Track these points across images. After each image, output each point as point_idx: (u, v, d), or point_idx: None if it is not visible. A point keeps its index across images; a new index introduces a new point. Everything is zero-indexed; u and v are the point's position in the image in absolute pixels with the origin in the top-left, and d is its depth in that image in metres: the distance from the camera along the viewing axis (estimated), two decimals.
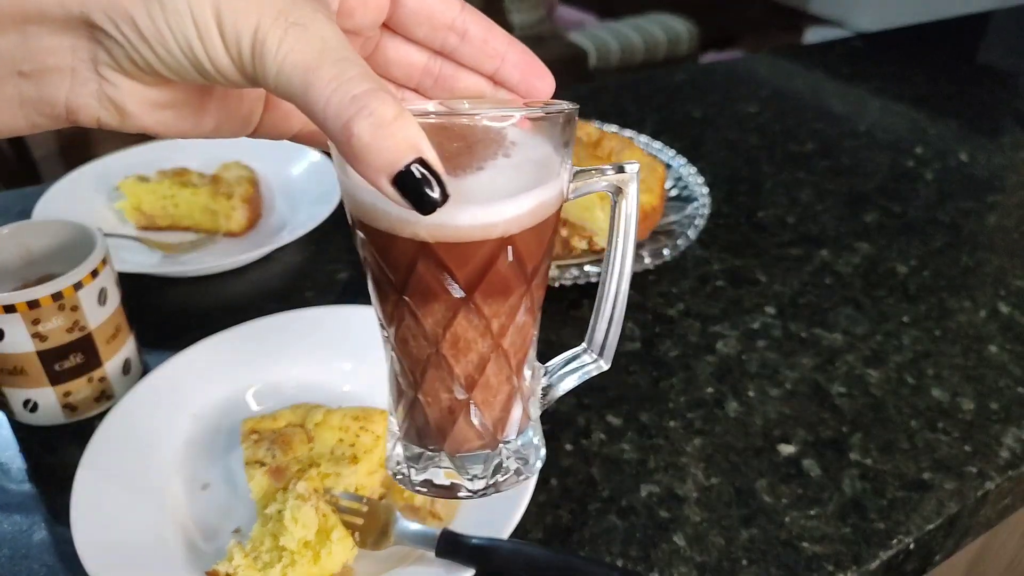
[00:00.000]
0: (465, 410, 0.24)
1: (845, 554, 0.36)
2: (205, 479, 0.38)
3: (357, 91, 0.17)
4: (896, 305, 0.53)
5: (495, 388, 0.24)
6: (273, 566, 0.32)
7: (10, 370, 0.39)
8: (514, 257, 0.22)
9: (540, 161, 0.22)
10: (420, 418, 0.25)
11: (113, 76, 0.19)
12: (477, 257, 0.21)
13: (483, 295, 0.22)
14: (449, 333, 0.23)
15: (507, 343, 0.24)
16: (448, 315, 0.22)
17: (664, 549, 0.36)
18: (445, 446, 0.25)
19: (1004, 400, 0.45)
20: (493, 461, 0.25)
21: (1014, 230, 0.63)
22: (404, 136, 0.17)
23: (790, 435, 0.42)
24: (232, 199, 0.57)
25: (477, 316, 0.23)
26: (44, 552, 0.35)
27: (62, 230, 0.43)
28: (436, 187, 0.18)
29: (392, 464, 0.26)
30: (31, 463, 0.40)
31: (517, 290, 0.23)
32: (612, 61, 2.02)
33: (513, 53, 0.23)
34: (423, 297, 0.22)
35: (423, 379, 0.24)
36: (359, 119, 0.17)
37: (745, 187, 0.69)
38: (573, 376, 0.27)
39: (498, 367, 0.24)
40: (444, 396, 0.24)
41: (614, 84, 0.91)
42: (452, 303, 0.22)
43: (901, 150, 0.76)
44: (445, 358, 0.23)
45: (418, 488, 0.25)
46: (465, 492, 0.25)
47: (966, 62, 1.01)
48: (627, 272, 0.25)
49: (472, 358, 0.23)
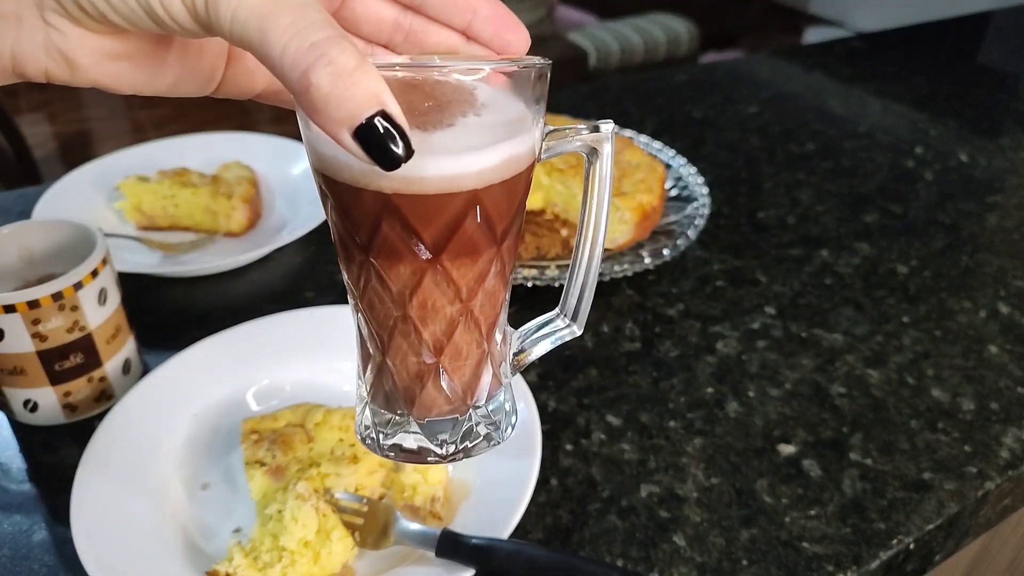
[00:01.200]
0: (434, 374, 0.23)
1: (845, 554, 0.36)
2: (205, 479, 0.38)
3: (316, 38, 0.16)
4: (896, 306, 0.53)
5: (464, 352, 0.24)
6: (273, 566, 0.32)
7: (10, 370, 0.39)
8: (483, 216, 0.21)
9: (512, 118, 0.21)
10: (388, 382, 0.24)
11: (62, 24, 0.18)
12: (444, 214, 0.20)
13: (451, 256, 0.21)
14: (416, 296, 0.22)
15: (476, 307, 0.23)
16: (415, 277, 0.22)
17: (664, 549, 0.36)
18: (413, 411, 0.24)
19: (1004, 400, 0.45)
20: (463, 426, 0.25)
21: (1014, 231, 0.63)
22: (366, 87, 0.16)
23: (790, 435, 0.42)
24: (232, 199, 0.57)
25: (445, 279, 0.22)
26: (44, 552, 0.35)
27: (62, 230, 0.43)
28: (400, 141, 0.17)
29: (361, 429, 0.26)
30: (31, 463, 0.40)
31: (487, 252, 0.22)
32: (612, 61, 2.02)
33: (485, 7, 0.22)
34: (389, 258, 0.21)
35: (390, 343, 0.23)
36: (318, 68, 0.16)
37: (745, 187, 0.69)
38: (546, 341, 0.26)
39: (467, 331, 0.23)
40: (412, 360, 0.23)
41: (614, 84, 0.91)
42: (419, 265, 0.21)
43: (901, 151, 0.76)
44: (413, 322, 0.22)
45: (387, 453, 0.25)
46: (434, 457, 0.24)
47: (966, 62, 1.01)
48: (601, 237, 0.25)
49: (440, 322, 0.23)
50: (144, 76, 0.20)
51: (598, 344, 0.49)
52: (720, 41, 2.80)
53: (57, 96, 2.65)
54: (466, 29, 0.22)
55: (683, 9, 2.27)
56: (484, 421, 0.25)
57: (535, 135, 0.22)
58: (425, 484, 0.36)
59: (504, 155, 0.21)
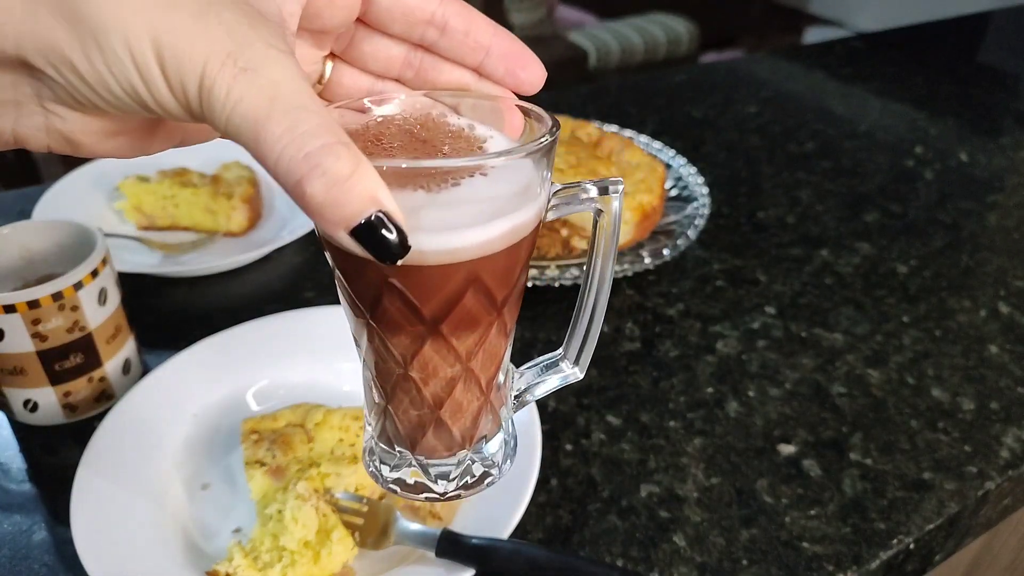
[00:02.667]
0: (435, 424, 0.24)
1: (845, 554, 0.36)
2: (205, 479, 0.38)
3: (310, 148, 0.16)
4: (896, 305, 0.53)
5: (465, 405, 0.24)
6: (273, 566, 0.32)
7: (10, 370, 0.39)
8: (483, 286, 0.21)
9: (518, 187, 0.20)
10: (391, 426, 0.25)
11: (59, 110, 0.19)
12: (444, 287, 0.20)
13: (451, 326, 0.22)
14: (417, 360, 0.22)
15: (477, 366, 0.23)
16: (416, 344, 0.22)
17: (664, 549, 0.36)
18: (415, 453, 0.25)
19: (1004, 400, 0.45)
20: (462, 467, 0.25)
21: (1014, 230, 0.63)
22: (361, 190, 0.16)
23: (790, 435, 0.42)
24: (232, 199, 0.57)
25: (445, 346, 0.22)
26: (44, 552, 0.35)
27: (62, 230, 0.43)
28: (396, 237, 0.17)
29: (366, 460, 0.26)
30: (31, 463, 0.40)
31: (487, 319, 0.22)
32: (612, 61, 2.02)
33: (499, 45, 0.22)
34: (390, 326, 0.22)
35: (393, 395, 0.24)
36: (312, 179, 0.16)
37: (745, 187, 0.69)
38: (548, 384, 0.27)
39: (467, 387, 0.24)
40: (413, 412, 0.24)
41: (614, 84, 0.91)
42: (419, 333, 0.22)
43: (901, 150, 0.76)
44: (414, 381, 0.23)
45: (390, 486, 0.25)
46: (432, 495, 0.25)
47: (966, 62, 1.01)
48: (606, 288, 0.25)
49: (441, 381, 0.23)
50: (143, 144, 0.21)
51: (598, 344, 0.49)
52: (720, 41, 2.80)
53: None
54: (478, 67, 0.22)
55: (683, 9, 2.27)
56: (482, 462, 0.26)
57: (541, 199, 0.22)
58: None
59: (507, 226, 0.20)
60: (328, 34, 0.22)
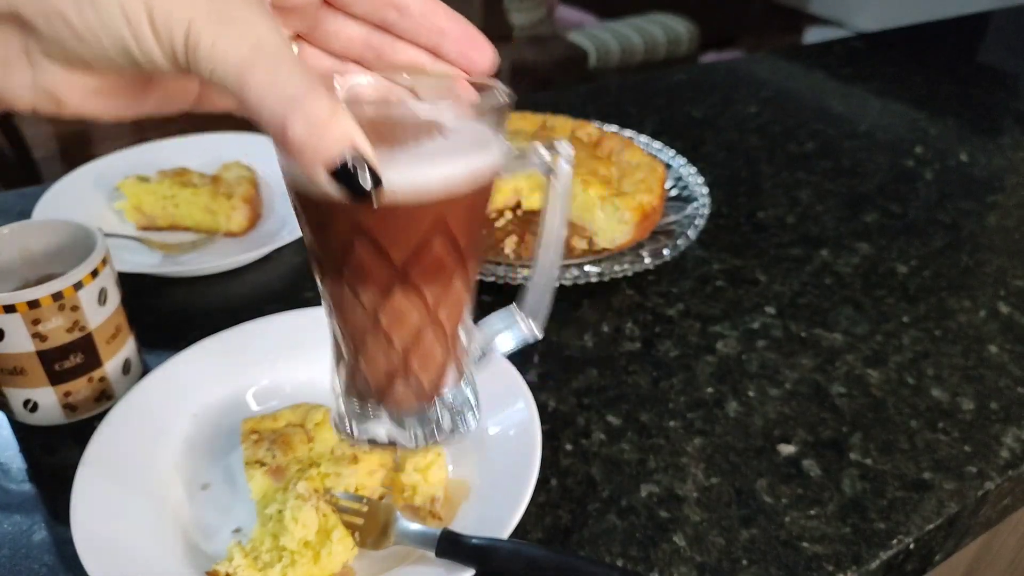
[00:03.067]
0: (403, 374, 0.25)
1: (845, 554, 0.36)
2: (205, 479, 0.38)
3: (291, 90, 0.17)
4: (896, 305, 0.53)
5: (431, 354, 0.25)
6: (273, 566, 0.32)
7: (10, 370, 0.39)
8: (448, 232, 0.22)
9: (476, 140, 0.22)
10: (361, 380, 0.26)
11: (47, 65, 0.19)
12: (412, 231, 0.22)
13: (419, 272, 0.23)
14: (386, 308, 0.24)
15: (443, 315, 0.24)
16: (386, 292, 0.23)
17: (664, 549, 0.36)
18: (384, 405, 0.26)
19: (1004, 400, 0.45)
20: (430, 418, 0.26)
21: (1014, 230, 0.63)
22: (339, 132, 0.18)
23: (790, 435, 0.42)
24: (232, 199, 0.57)
25: (414, 292, 0.23)
26: (44, 552, 0.35)
27: (62, 230, 0.43)
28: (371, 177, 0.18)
29: (336, 420, 0.27)
30: (31, 463, 0.40)
31: (453, 266, 0.23)
32: (612, 61, 2.02)
33: (454, 28, 0.23)
34: (361, 275, 0.23)
35: (363, 347, 0.25)
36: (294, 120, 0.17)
37: (745, 187, 0.69)
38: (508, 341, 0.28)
39: (434, 335, 0.25)
40: (382, 362, 0.25)
41: (614, 84, 0.91)
42: (389, 280, 0.23)
43: (901, 150, 0.76)
44: (383, 330, 0.24)
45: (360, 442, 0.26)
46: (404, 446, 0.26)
47: (966, 62, 1.01)
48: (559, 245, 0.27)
49: (409, 330, 0.24)
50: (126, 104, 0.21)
51: (598, 344, 0.49)
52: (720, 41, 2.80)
53: None
54: (435, 48, 0.24)
55: (683, 9, 2.27)
56: (450, 412, 0.27)
57: (497, 154, 0.23)
58: (425, 484, 0.36)
59: (469, 168, 0.22)
60: (295, 12, 0.23)
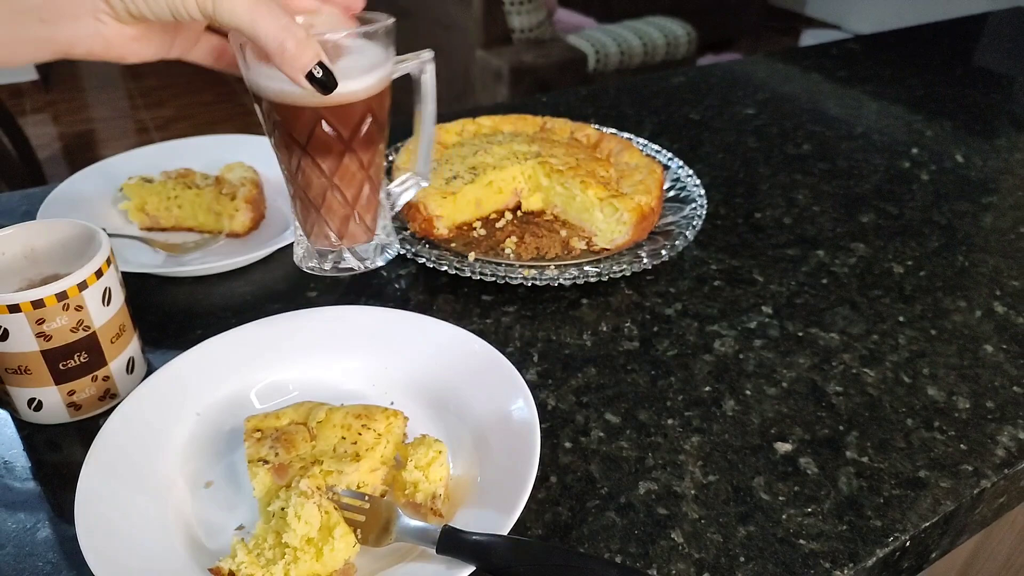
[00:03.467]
0: (353, 217, 0.39)
1: (842, 551, 0.36)
2: (208, 477, 0.38)
3: (283, 22, 0.30)
4: (892, 305, 0.54)
5: (370, 200, 0.39)
6: (276, 563, 0.32)
7: (14, 369, 0.39)
8: (373, 115, 0.37)
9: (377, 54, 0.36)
10: (324, 228, 0.39)
11: (107, 20, 0.29)
12: (353, 116, 0.35)
13: (359, 142, 0.36)
14: (340, 171, 0.37)
15: (372, 172, 0.39)
16: (339, 159, 0.36)
17: (662, 546, 0.36)
18: (344, 242, 0.40)
19: (999, 399, 0.45)
20: (373, 246, 0.42)
21: (1009, 231, 0.63)
22: (312, 49, 0.31)
23: (787, 433, 0.43)
24: (235, 200, 0.57)
25: (356, 157, 0.37)
26: (48, 550, 0.36)
27: (66, 230, 0.43)
28: (331, 79, 0.32)
29: (304, 263, 0.42)
30: (35, 461, 0.41)
31: (378, 137, 0.38)
32: (611, 64, 2.02)
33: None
34: (321, 150, 0.36)
35: (323, 202, 0.38)
36: (288, 40, 0.30)
37: (742, 188, 0.69)
38: (408, 191, 0.45)
39: (370, 187, 0.39)
40: (339, 209, 0.38)
41: (613, 86, 0.91)
42: (340, 150, 0.36)
43: (897, 152, 0.77)
44: (339, 188, 0.38)
45: (328, 272, 0.42)
46: (362, 268, 0.42)
47: (962, 64, 1.02)
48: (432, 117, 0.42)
49: (356, 184, 0.38)
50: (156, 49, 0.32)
51: (597, 343, 0.49)
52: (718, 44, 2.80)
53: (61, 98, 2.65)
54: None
55: (681, 12, 2.27)
56: (382, 242, 0.42)
57: (390, 64, 0.37)
58: (426, 481, 0.36)
59: (378, 76, 0.36)
60: None
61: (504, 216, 0.60)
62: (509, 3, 1.93)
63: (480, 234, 0.58)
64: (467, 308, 0.52)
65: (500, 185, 0.59)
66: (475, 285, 0.54)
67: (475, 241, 0.57)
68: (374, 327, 0.45)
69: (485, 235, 0.58)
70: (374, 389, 0.43)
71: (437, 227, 0.56)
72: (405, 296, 0.54)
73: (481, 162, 0.59)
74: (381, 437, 0.37)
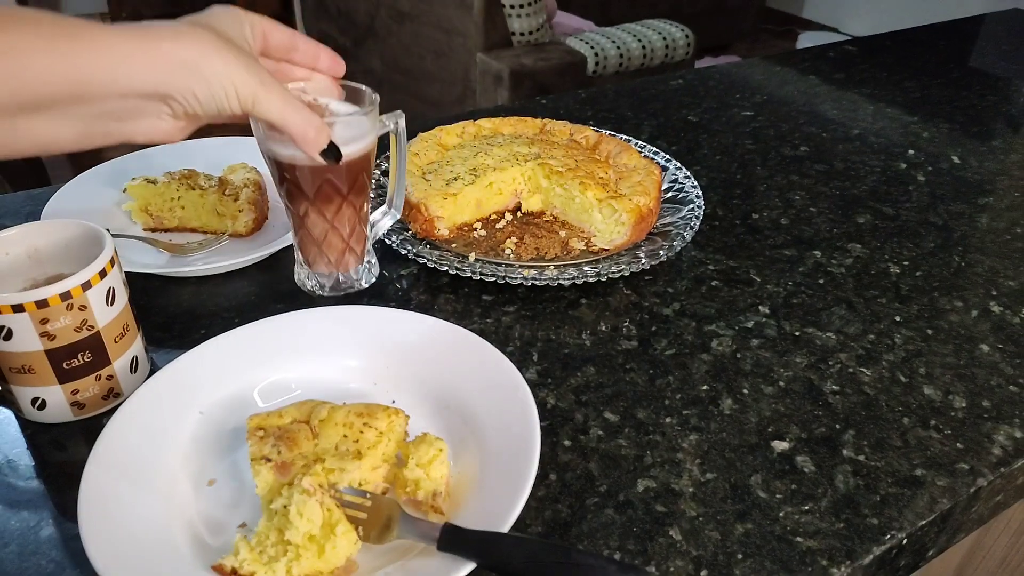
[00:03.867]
0: (348, 249, 0.47)
1: (839, 549, 0.36)
2: (211, 475, 0.39)
3: (306, 115, 0.37)
4: (888, 305, 0.54)
5: (360, 233, 0.47)
6: (278, 560, 0.32)
7: (19, 368, 0.40)
8: (363, 171, 0.44)
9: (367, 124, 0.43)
10: (325, 259, 0.47)
11: (166, 117, 0.34)
12: (350, 173, 0.43)
13: (353, 192, 0.44)
14: (339, 214, 0.45)
15: (362, 213, 0.46)
16: (338, 206, 0.44)
17: (661, 543, 0.36)
18: (340, 268, 0.48)
19: (996, 398, 0.46)
20: (362, 268, 0.49)
21: (1005, 232, 0.64)
22: (325, 134, 0.38)
23: (784, 432, 0.43)
24: (239, 201, 0.58)
25: (351, 203, 0.45)
26: (52, 548, 0.36)
27: (70, 231, 0.44)
28: (338, 153, 0.39)
29: (305, 284, 0.49)
30: (39, 460, 0.41)
31: (365, 185, 0.45)
32: (610, 67, 2.03)
33: (323, 53, 0.41)
34: (325, 199, 0.44)
35: (324, 240, 0.46)
36: (310, 130, 0.38)
37: (740, 190, 0.70)
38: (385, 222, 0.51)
39: (360, 224, 0.46)
40: (337, 245, 0.46)
41: (612, 89, 0.92)
42: (340, 200, 0.44)
43: (893, 153, 0.77)
44: (336, 228, 0.45)
45: (327, 293, 0.48)
46: (354, 288, 0.49)
47: (958, 66, 1.02)
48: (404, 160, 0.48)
49: (350, 223, 0.45)
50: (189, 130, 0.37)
51: (596, 342, 0.50)
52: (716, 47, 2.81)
53: None
54: (313, 66, 0.41)
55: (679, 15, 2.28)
56: (369, 266, 0.50)
57: (375, 132, 0.44)
58: (427, 479, 0.36)
59: (368, 142, 0.43)
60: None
61: (504, 217, 0.60)
62: (509, 7, 1.94)
63: (480, 235, 0.58)
64: (468, 308, 0.52)
65: (500, 186, 0.59)
66: (475, 285, 0.55)
67: (475, 242, 0.57)
68: (376, 327, 0.45)
69: (485, 236, 0.58)
70: (376, 388, 0.43)
71: (438, 228, 0.56)
72: (406, 296, 0.54)
73: (481, 164, 0.60)
74: (383, 435, 0.37)
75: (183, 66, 0.32)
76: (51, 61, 0.29)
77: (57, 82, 0.30)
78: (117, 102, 0.32)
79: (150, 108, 0.33)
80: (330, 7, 2.67)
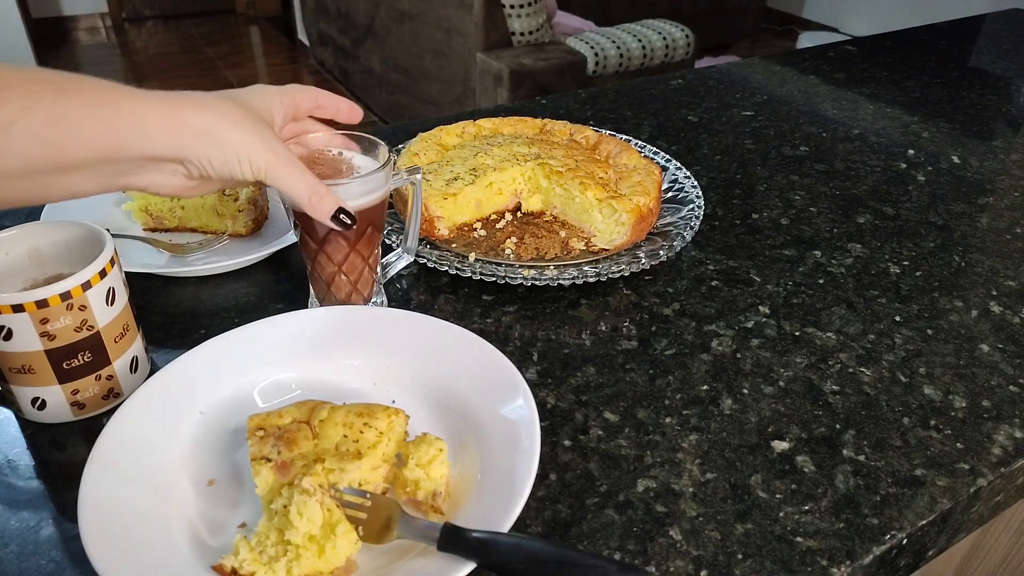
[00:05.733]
0: (355, 291, 0.48)
1: (839, 549, 0.36)
2: (211, 475, 0.39)
3: (311, 183, 0.40)
4: (888, 305, 0.54)
5: (368, 278, 0.49)
6: (278, 560, 0.32)
7: (18, 368, 0.40)
8: (372, 223, 0.46)
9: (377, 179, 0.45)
10: (332, 298, 0.49)
11: (180, 175, 0.38)
12: (360, 226, 0.44)
13: (362, 243, 0.46)
14: (346, 262, 0.46)
15: (371, 259, 0.48)
16: (345, 253, 0.46)
17: (661, 543, 0.36)
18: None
19: (996, 398, 0.46)
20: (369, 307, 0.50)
21: (1005, 231, 0.64)
22: (332, 202, 0.41)
23: (784, 432, 0.43)
24: (239, 201, 0.58)
25: (358, 252, 0.46)
26: (52, 548, 0.36)
27: (70, 231, 0.44)
28: (348, 219, 0.42)
29: None
30: (39, 460, 0.41)
31: (376, 236, 0.47)
32: (610, 67, 2.03)
33: (342, 105, 0.46)
34: (334, 248, 0.46)
35: (332, 282, 0.48)
36: (313, 197, 0.40)
37: (740, 190, 0.70)
38: (398, 264, 0.52)
39: (368, 269, 0.48)
40: (344, 288, 0.48)
41: (612, 89, 0.92)
42: (348, 248, 0.46)
43: (894, 153, 0.77)
44: (344, 273, 0.47)
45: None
46: None
47: (958, 66, 1.02)
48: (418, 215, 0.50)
49: (357, 269, 0.47)
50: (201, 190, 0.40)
51: (596, 342, 0.50)
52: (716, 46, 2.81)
53: None
54: (333, 118, 0.46)
55: (679, 15, 2.28)
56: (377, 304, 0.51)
57: (388, 185, 0.46)
58: (427, 479, 0.36)
59: (380, 196, 0.46)
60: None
61: (504, 217, 0.60)
62: (509, 7, 1.94)
63: (480, 235, 0.58)
64: (468, 308, 0.52)
65: (500, 186, 0.59)
66: (475, 285, 0.55)
67: (475, 242, 0.57)
68: (376, 326, 0.45)
69: (485, 236, 0.58)
70: (376, 388, 0.44)
71: (438, 228, 0.56)
72: (406, 296, 0.54)
73: (481, 164, 0.60)
74: (383, 435, 0.37)
75: (201, 134, 0.36)
76: (95, 131, 0.33)
77: (98, 149, 0.33)
78: (141, 162, 0.36)
79: (168, 167, 0.37)
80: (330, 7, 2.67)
